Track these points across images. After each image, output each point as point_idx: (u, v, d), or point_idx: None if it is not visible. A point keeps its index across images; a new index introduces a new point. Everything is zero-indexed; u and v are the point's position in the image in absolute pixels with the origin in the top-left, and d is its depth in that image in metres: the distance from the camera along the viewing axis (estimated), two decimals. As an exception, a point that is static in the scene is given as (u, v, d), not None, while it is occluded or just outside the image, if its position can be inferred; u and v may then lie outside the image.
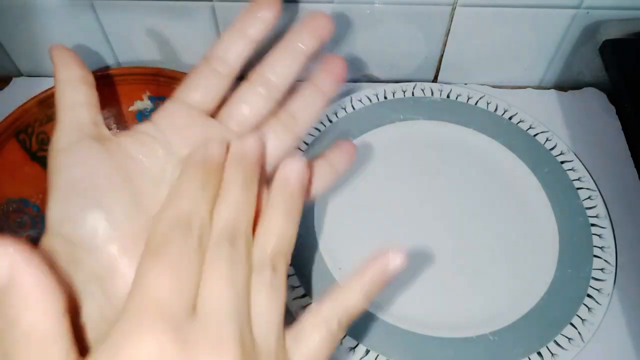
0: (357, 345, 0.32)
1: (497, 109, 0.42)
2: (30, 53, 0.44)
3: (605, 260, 0.35)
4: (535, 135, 0.41)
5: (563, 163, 0.39)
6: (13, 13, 0.40)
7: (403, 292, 0.34)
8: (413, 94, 0.43)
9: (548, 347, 0.32)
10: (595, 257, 0.35)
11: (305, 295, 0.34)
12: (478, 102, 0.42)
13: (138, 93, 0.38)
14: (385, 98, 0.42)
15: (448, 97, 0.43)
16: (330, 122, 0.41)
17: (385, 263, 0.25)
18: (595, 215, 0.37)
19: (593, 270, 0.35)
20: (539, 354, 0.32)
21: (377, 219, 0.37)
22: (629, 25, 0.39)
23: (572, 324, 0.33)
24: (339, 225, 0.37)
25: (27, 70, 0.45)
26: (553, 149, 0.40)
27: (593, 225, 0.36)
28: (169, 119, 0.29)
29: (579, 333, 0.32)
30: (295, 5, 0.38)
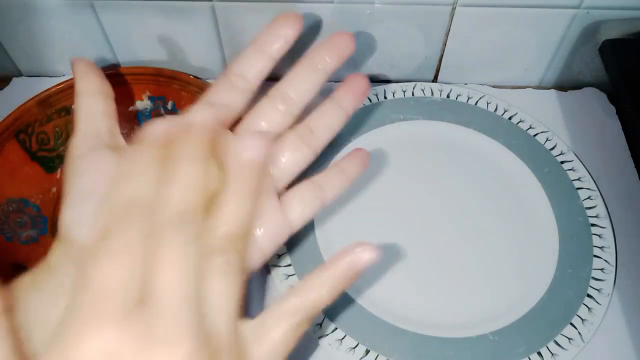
0: (357, 345, 0.32)
1: (497, 109, 0.42)
2: (30, 53, 0.44)
3: (605, 260, 0.35)
4: (535, 135, 0.41)
5: (563, 163, 0.39)
6: (13, 13, 0.40)
7: (403, 292, 0.34)
8: (413, 94, 0.43)
9: (548, 347, 0.32)
10: (595, 257, 0.35)
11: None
12: (478, 102, 0.42)
13: (138, 93, 0.38)
14: (385, 98, 0.42)
15: (448, 97, 0.43)
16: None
17: (355, 259, 0.24)
18: (595, 215, 0.37)
19: (593, 270, 0.35)
20: (539, 354, 0.32)
21: (377, 219, 0.37)
22: (629, 25, 0.39)
23: (572, 324, 0.33)
24: (339, 225, 0.37)
25: (27, 70, 0.45)
26: (553, 149, 0.40)
27: (593, 225, 0.36)
28: None
29: (579, 333, 0.32)
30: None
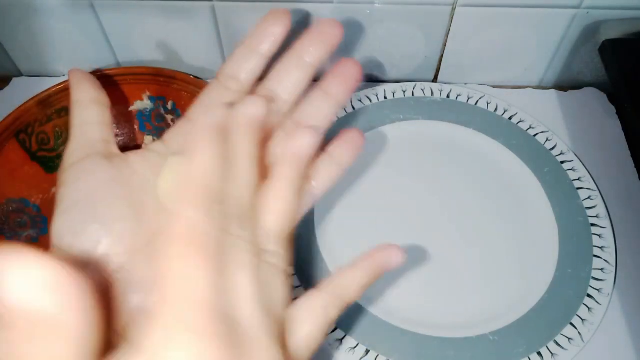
0: (357, 345, 0.32)
1: (497, 109, 0.42)
2: (30, 53, 0.44)
3: (605, 260, 0.35)
4: (535, 135, 0.41)
5: (563, 163, 0.39)
6: (13, 13, 0.40)
7: (403, 292, 0.34)
8: (413, 94, 0.43)
9: (548, 347, 0.32)
10: (595, 257, 0.35)
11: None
12: (478, 102, 0.42)
13: (138, 93, 0.38)
14: (385, 98, 0.42)
15: (448, 97, 0.43)
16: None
17: (387, 259, 0.24)
18: (595, 215, 0.37)
19: (593, 270, 0.35)
20: (539, 354, 0.32)
21: (377, 219, 0.37)
22: (629, 25, 0.39)
23: (572, 324, 0.33)
24: (339, 225, 0.37)
25: (27, 70, 0.45)
26: (553, 149, 0.40)
27: (593, 225, 0.36)
28: (178, 138, 0.29)
29: (579, 333, 0.32)
30: (298, 7, 0.38)
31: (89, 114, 0.30)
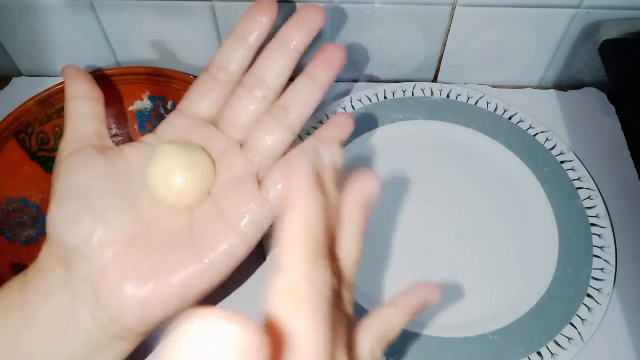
0: (357, 345, 0.32)
1: (497, 109, 0.42)
2: (30, 53, 0.44)
3: (605, 260, 0.35)
4: (535, 135, 0.41)
5: (563, 163, 0.39)
6: (13, 13, 0.40)
7: (403, 292, 0.34)
8: (413, 94, 0.43)
9: (548, 347, 0.32)
10: (595, 257, 0.35)
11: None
12: (478, 102, 0.42)
13: (138, 93, 0.38)
14: (385, 98, 0.42)
15: (448, 97, 0.43)
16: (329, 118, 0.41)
17: (426, 297, 0.25)
18: (595, 215, 0.37)
19: (593, 270, 0.35)
20: (539, 354, 0.32)
21: (376, 219, 0.37)
22: (629, 25, 0.39)
23: (572, 324, 0.33)
24: (339, 225, 0.37)
25: (27, 70, 0.45)
26: (553, 149, 0.40)
27: (593, 225, 0.36)
28: (170, 130, 0.30)
29: (579, 333, 0.32)
30: (293, 5, 0.38)
31: (83, 109, 0.30)
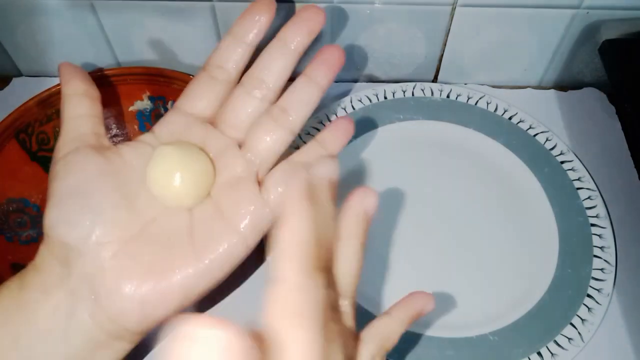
0: (357, 345, 0.32)
1: (497, 109, 0.42)
2: (30, 53, 0.44)
3: (605, 260, 0.35)
4: (535, 135, 0.41)
5: (563, 163, 0.39)
6: (13, 13, 0.40)
7: (403, 292, 0.34)
8: (413, 94, 0.43)
9: (548, 347, 0.32)
10: (595, 257, 0.35)
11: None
12: (478, 102, 0.42)
13: (138, 93, 0.38)
14: (385, 98, 0.42)
15: (448, 97, 0.43)
16: (330, 122, 0.41)
17: (422, 307, 0.26)
18: (595, 215, 0.37)
19: (593, 270, 0.35)
20: (539, 354, 0.32)
21: (376, 219, 0.37)
22: (629, 25, 0.39)
23: (572, 324, 0.33)
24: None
25: (27, 70, 0.45)
26: (553, 149, 0.40)
27: (593, 225, 0.36)
28: (168, 128, 0.30)
29: (579, 333, 0.32)
30: (293, 5, 0.38)
31: (80, 108, 0.30)
